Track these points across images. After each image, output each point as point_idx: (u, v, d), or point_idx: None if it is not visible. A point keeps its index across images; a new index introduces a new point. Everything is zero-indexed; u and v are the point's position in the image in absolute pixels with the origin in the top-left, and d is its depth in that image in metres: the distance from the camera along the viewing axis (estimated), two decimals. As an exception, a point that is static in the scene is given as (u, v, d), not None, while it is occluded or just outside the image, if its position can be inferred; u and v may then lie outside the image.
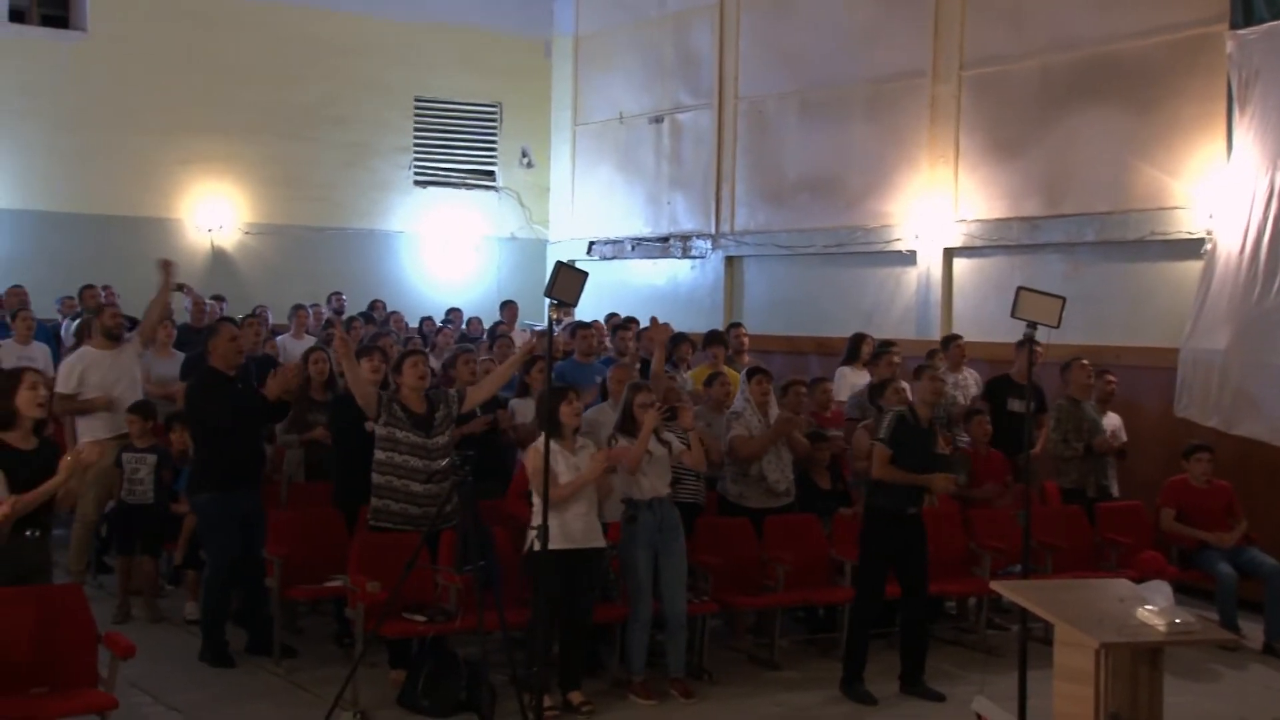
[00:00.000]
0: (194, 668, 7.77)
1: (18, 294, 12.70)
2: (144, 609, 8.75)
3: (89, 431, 8.78)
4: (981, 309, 12.60)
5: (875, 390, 9.19)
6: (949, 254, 13.08)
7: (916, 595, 7.65)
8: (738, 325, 11.81)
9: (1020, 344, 10.05)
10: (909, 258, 13.38)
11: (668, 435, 7.55)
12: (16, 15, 15.01)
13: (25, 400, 5.90)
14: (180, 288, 12.63)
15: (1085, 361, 9.87)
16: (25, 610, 5.91)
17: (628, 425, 7.45)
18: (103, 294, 12.82)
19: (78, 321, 11.45)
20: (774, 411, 8.65)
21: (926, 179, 13.22)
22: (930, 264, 13.18)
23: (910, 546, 7.58)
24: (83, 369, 8.88)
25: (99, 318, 9.35)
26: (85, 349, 9.13)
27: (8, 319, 11.61)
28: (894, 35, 13.65)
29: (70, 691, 5.88)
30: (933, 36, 13.17)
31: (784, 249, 14.74)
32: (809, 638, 8.84)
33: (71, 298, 13.09)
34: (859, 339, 11.08)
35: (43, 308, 12.69)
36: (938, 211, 13.08)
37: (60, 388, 8.85)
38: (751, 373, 8.80)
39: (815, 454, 9.04)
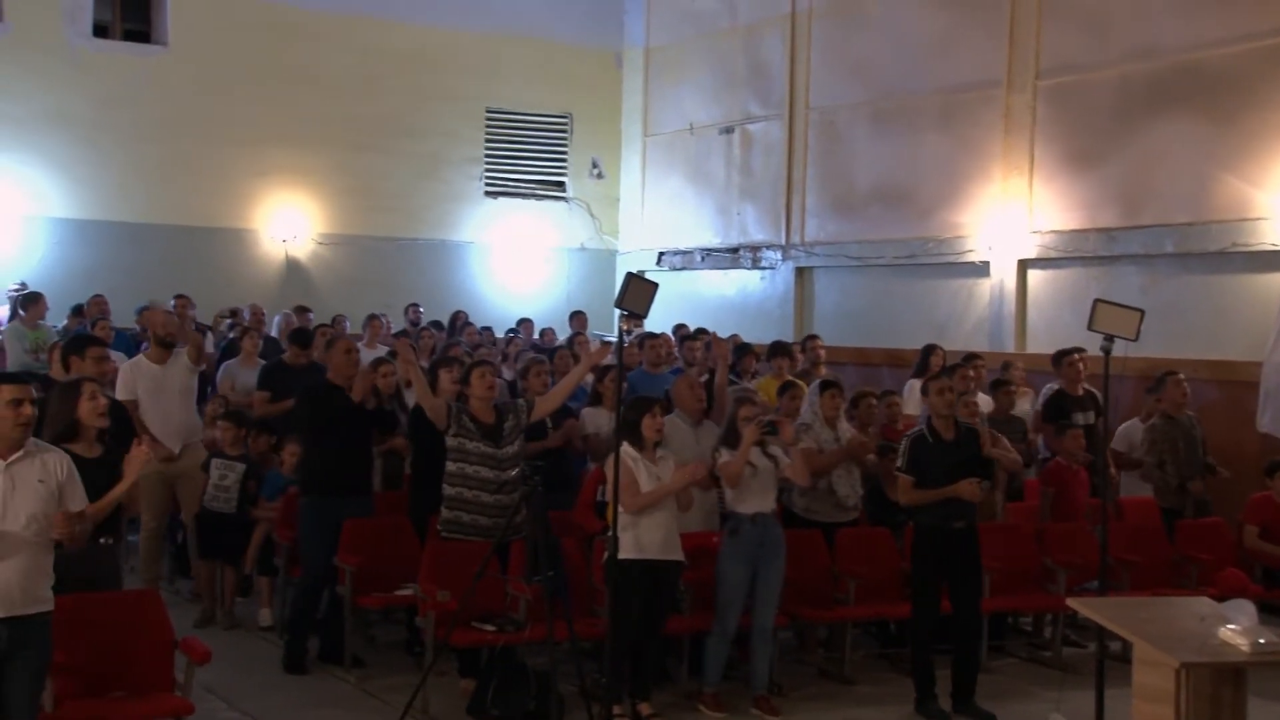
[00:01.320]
0: (267, 674, 7.84)
1: (98, 303, 12.92)
2: (221, 615, 8.86)
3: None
4: (1056, 321, 12.44)
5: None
6: (1023, 265, 12.93)
7: (966, 611, 7.52)
8: (814, 337, 11.69)
9: (1055, 358, 9.95)
10: (982, 269, 13.24)
11: (774, 449, 7.50)
12: (100, 30, 15.31)
13: (86, 410, 5.97)
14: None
15: (1181, 376, 9.62)
16: (104, 615, 6.00)
17: (731, 438, 7.41)
18: (171, 303, 12.97)
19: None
20: (843, 426, 8.57)
21: (1000, 190, 13.07)
22: (1004, 276, 13.03)
23: (960, 562, 7.45)
24: (134, 378, 8.90)
25: (152, 327, 9.38)
26: (138, 359, 9.15)
27: (88, 327, 11.80)
28: (968, 45, 13.53)
29: (148, 695, 5.96)
30: (1008, 45, 13.04)
31: (855, 260, 14.64)
32: (881, 652, 8.75)
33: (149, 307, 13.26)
34: (929, 351, 10.96)
35: (122, 317, 12.89)
36: (1012, 223, 12.93)
37: (118, 395, 8.92)
38: (824, 386, 8.72)
39: (887, 467, 8.95)
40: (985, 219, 13.18)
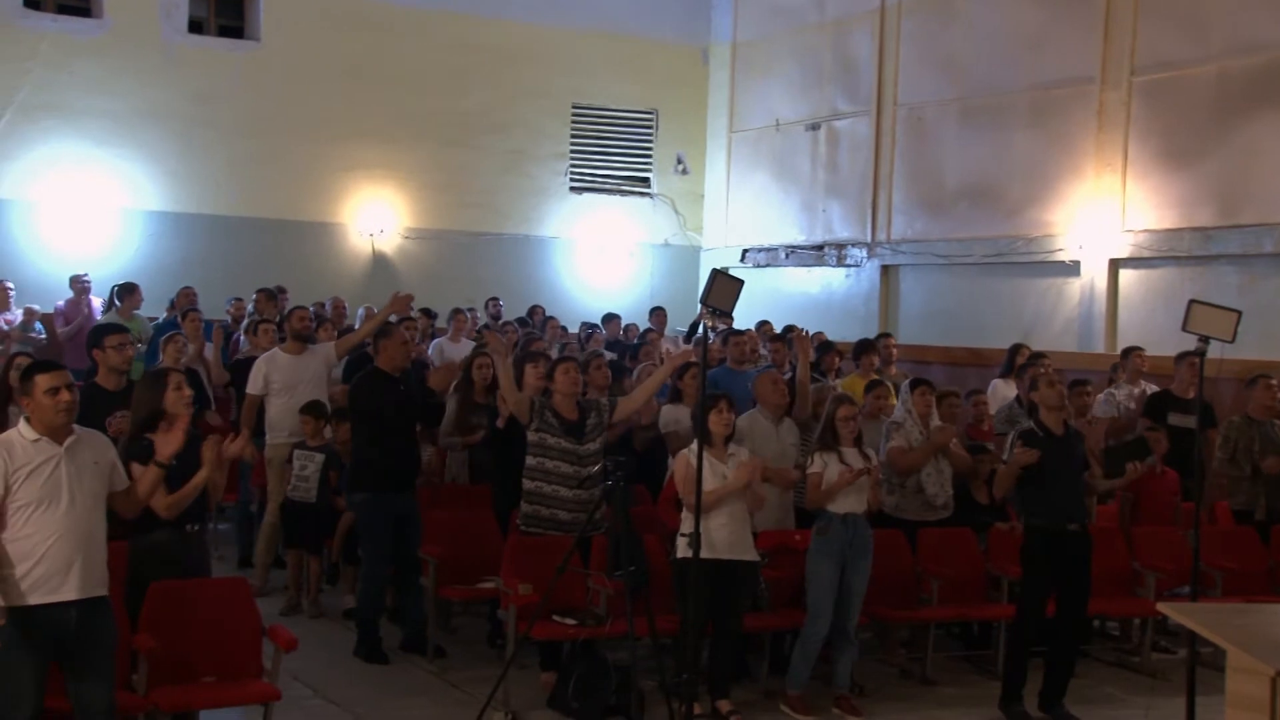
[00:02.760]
0: (351, 663, 7.93)
1: (188, 295, 13.16)
2: (308, 604, 8.99)
3: (273, 435, 9.10)
4: (1149, 322, 12.21)
5: (1035, 405, 8.94)
6: (1115, 265, 12.70)
7: (1072, 616, 7.40)
8: (887, 336, 11.61)
9: (1178, 358, 9.77)
10: (1072, 268, 13.03)
11: (868, 450, 7.44)
12: (195, 26, 15.59)
13: (172, 400, 6.09)
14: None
15: (1273, 380, 9.40)
16: (194, 602, 6.11)
17: (828, 438, 7.37)
18: (279, 297, 13.19)
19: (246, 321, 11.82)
20: (935, 424, 8.48)
21: (1092, 188, 12.86)
22: (1094, 275, 12.81)
23: (1071, 565, 7.32)
24: (267, 371, 9.09)
25: (288, 320, 9.59)
26: (274, 351, 9.34)
27: (178, 318, 12.02)
28: (1061, 40, 13.32)
29: (237, 681, 6.06)
30: (1102, 41, 12.82)
31: (941, 258, 14.48)
32: (964, 654, 8.65)
33: (240, 299, 13.50)
34: (1015, 350, 10.82)
35: (213, 309, 13.13)
36: (1104, 221, 12.70)
37: (249, 389, 9.17)
38: (915, 383, 8.64)
39: (974, 466, 8.85)
40: (1076, 217, 12.97)
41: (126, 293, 12.70)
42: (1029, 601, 7.39)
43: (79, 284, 13.63)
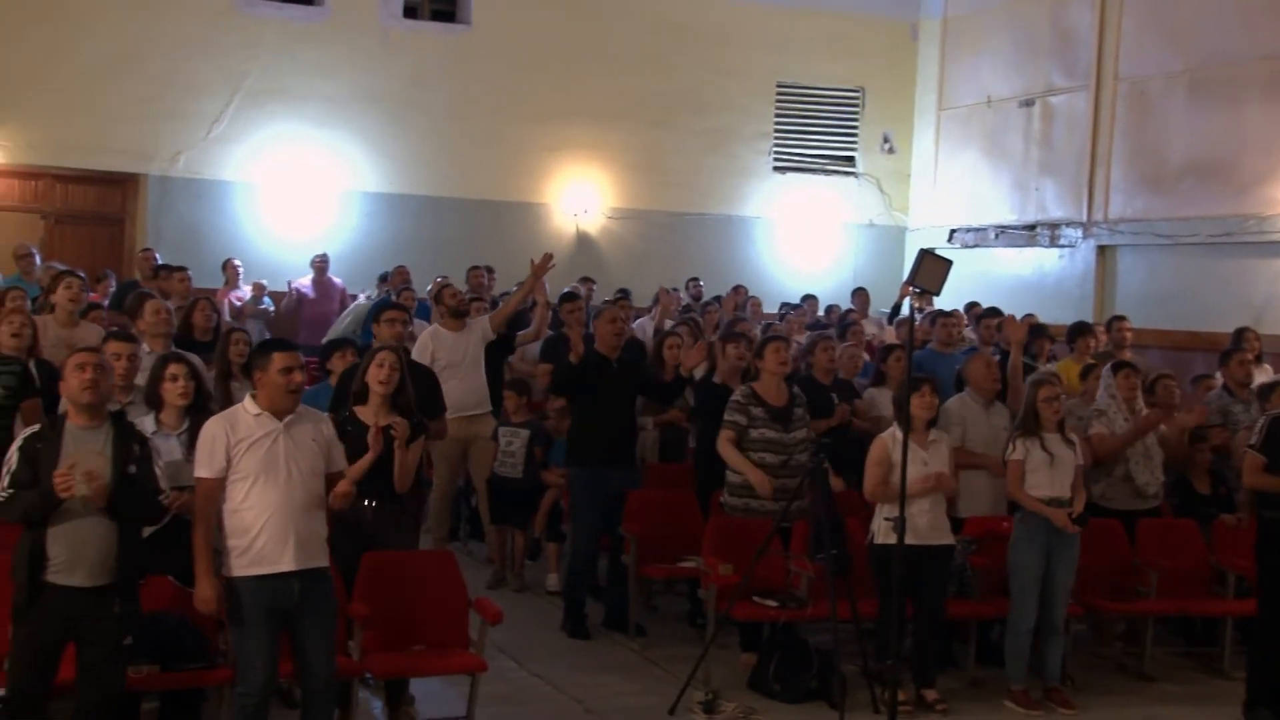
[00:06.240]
0: (553, 637, 8.04)
1: (401, 273, 13.55)
2: (513, 578, 9.13)
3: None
4: (1391, 305, 11.45)
5: (1265, 391, 8.48)
6: (1354, 245, 11.95)
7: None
8: (1121, 318, 11.07)
9: None
10: (1309, 248, 12.31)
11: (1072, 435, 7.19)
12: (410, 11, 15.98)
13: (374, 376, 6.25)
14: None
15: None
16: (402, 572, 6.27)
17: (1030, 423, 7.13)
18: (486, 276, 13.46)
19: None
20: (1140, 409, 8.11)
21: (1332, 163, 12.10)
22: (1332, 255, 12.07)
23: None
24: (433, 348, 9.17)
25: (443, 298, 9.70)
26: (436, 328, 9.44)
27: (393, 297, 12.34)
28: (1298, 7, 12.56)
29: (445, 651, 6.20)
30: (1346, 5, 12.04)
31: (1164, 238, 13.85)
32: (1186, 650, 8.26)
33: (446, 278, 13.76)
34: (1240, 334, 10.26)
35: (419, 289, 13.44)
36: (1343, 199, 11.96)
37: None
38: (1118, 366, 8.29)
39: (1194, 456, 8.44)
40: (1313, 195, 12.24)
41: (385, 278, 13.28)
42: (1271, 601, 6.93)
43: (319, 263, 14.19)
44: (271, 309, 13.60)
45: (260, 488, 5.26)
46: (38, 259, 11.76)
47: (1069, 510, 7.00)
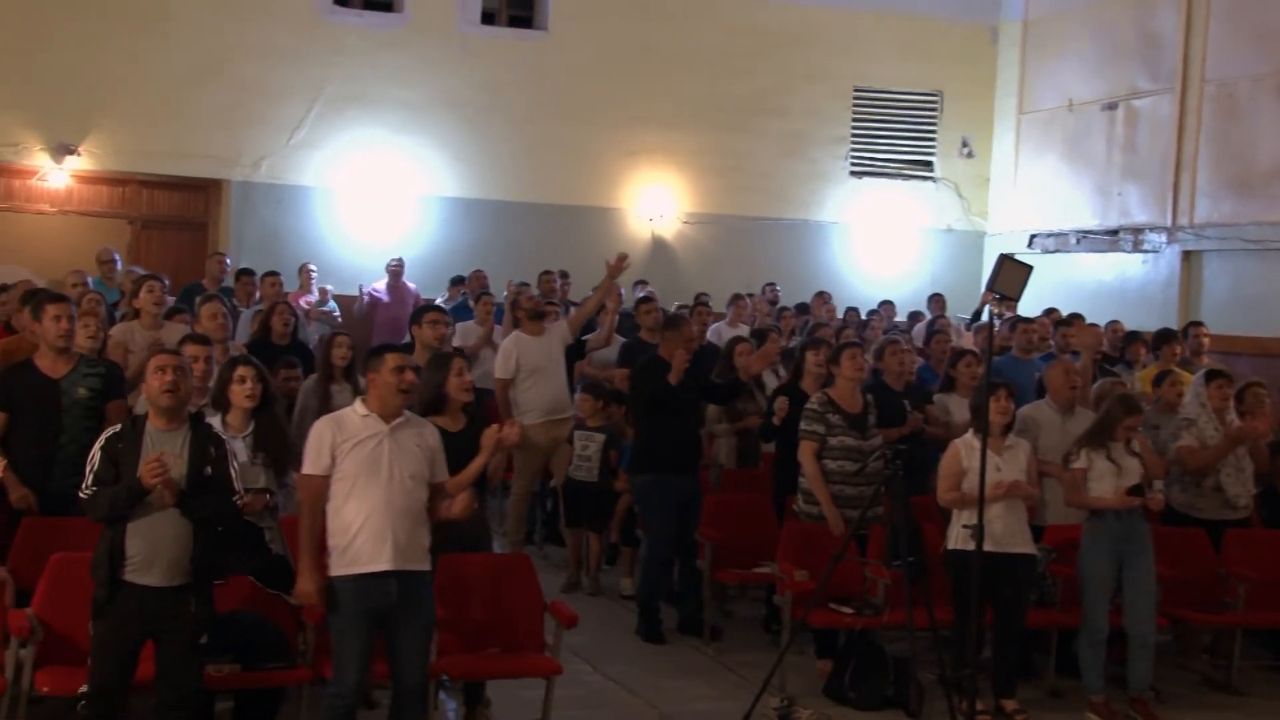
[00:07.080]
0: (628, 641, 8.04)
1: (479, 278, 13.61)
2: (588, 582, 9.14)
3: (523, 414, 9.23)
4: None
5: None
6: None
7: None
8: (1198, 324, 10.90)
9: None
10: (1404, 253, 11.99)
11: (1137, 447, 7.07)
12: (488, 17, 16.09)
13: (455, 385, 6.27)
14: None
15: None
16: (478, 575, 6.30)
17: (1102, 436, 7.02)
18: (559, 281, 13.50)
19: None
20: (1232, 419, 7.93)
21: None
22: None
23: None
24: (517, 354, 9.18)
25: (519, 303, 9.68)
26: (517, 334, 9.39)
27: (470, 302, 12.41)
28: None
29: (520, 654, 6.22)
30: None
31: (1252, 243, 13.57)
32: (1274, 663, 8.07)
33: (519, 281, 13.80)
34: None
35: (499, 293, 13.50)
36: None
37: (498, 373, 9.25)
38: (1211, 375, 8.11)
39: (1278, 465, 8.25)
40: None
41: (457, 281, 13.34)
42: None
43: (394, 266, 14.32)
44: (336, 312, 13.66)
45: (361, 488, 5.31)
46: (119, 264, 11.98)
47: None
